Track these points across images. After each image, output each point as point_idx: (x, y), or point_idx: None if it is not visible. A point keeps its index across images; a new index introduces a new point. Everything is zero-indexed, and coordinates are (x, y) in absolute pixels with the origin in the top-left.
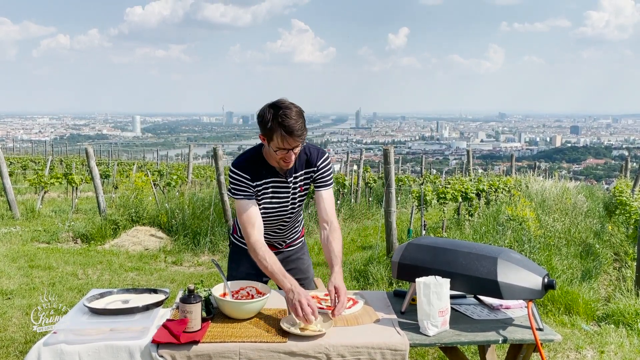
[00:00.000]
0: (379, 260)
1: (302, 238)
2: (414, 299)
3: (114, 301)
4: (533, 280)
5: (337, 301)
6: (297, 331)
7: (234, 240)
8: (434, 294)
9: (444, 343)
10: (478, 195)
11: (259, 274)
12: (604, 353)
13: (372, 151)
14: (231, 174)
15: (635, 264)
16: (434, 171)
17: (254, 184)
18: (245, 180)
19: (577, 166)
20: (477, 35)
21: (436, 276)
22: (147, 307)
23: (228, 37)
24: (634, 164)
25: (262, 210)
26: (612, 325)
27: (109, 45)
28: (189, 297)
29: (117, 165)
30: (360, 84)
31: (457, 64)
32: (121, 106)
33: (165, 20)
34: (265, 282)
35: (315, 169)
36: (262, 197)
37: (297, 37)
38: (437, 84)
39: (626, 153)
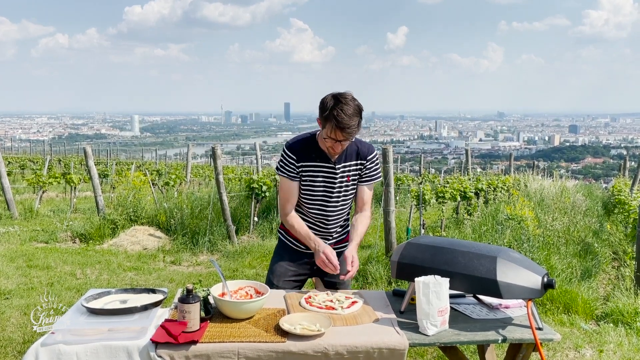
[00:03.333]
0: (378, 259)
1: (346, 244)
2: (413, 299)
3: (112, 301)
4: (532, 279)
5: (348, 268)
6: (296, 331)
7: (280, 236)
8: (433, 294)
9: (443, 342)
10: (477, 194)
11: (296, 272)
12: (603, 352)
13: None
14: (282, 152)
15: (634, 262)
16: (433, 170)
17: (299, 164)
18: (290, 160)
19: (575, 165)
20: (476, 34)
21: (435, 275)
22: (146, 307)
23: (227, 36)
24: (633, 163)
25: (306, 192)
26: (611, 324)
27: (108, 44)
28: (187, 297)
29: (116, 164)
30: (359, 83)
31: (455, 63)
32: (120, 105)
33: (164, 19)
34: (302, 283)
35: (365, 161)
36: (307, 178)
37: (296, 36)
38: (435, 83)
39: (625, 152)
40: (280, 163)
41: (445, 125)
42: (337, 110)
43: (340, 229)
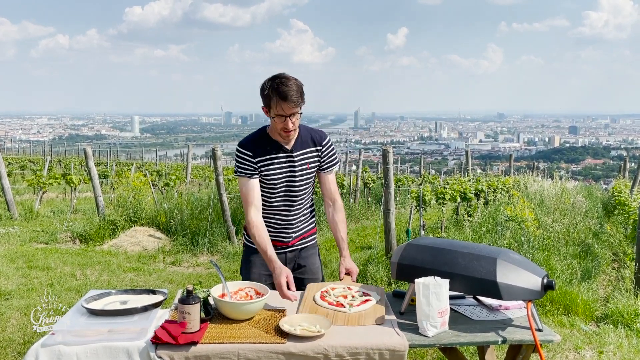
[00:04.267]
0: (378, 260)
1: (314, 236)
2: (413, 300)
3: (112, 302)
4: (532, 280)
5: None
6: (296, 332)
7: (245, 242)
8: (433, 295)
9: (443, 344)
10: (477, 195)
11: (271, 276)
12: (602, 353)
13: (370, 151)
14: (236, 152)
15: (634, 264)
16: (433, 171)
17: (256, 159)
18: (247, 157)
19: (575, 166)
20: (476, 35)
21: (435, 277)
22: (146, 308)
23: (227, 37)
24: (633, 164)
25: (268, 186)
26: (611, 326)
27: (108, 45)
28: (187, 297)
29: (116, 165)
30: (359, 84)
31: (455, 64)
32: (120, 106)
33: (164, 20)
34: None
35: (321, 147)
36: (266, 170)
37: (296, 37)
38: (435, 84)
39: (624, 153)
40: (237, 163)
41: (445, 126)
42: (275, 84)
43: (304, 221)
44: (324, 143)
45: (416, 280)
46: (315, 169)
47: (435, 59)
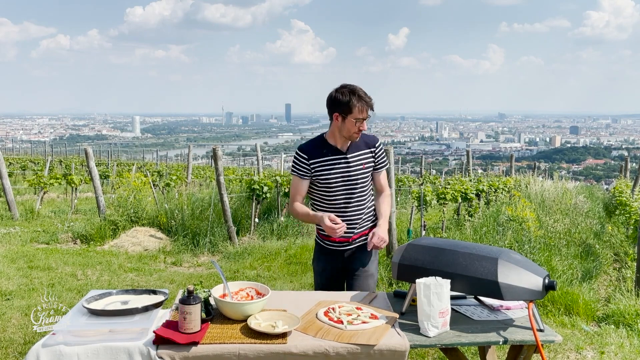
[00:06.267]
0: (379, 260)
1: None
2: (414, 300)
3: (113, 302)
4: (534, 281)
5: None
6: (259, 328)
7: (316, 239)
8: (435, 295)
9: (444, 344)
10: (478, 195)
11: (333, 271)
12: (604, 354)
13: None
14: (294, 154)
15: (635, 264)
16: (434, 171)
17: (310, 162)
18: (302, 160)
19: (576, 166)
20: (477, 35)
21: (436, 277)
22: (147, 308)
23: (228, 37)
24: (634, 164)
25: (324, 185)
26: (612, 326)
27: (109, 45)
28: (188, 298)
29: (117, 165)
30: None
31: (456, 64)
32: (121, 107)
33: (165, 20)
34: (340, 277)
35: (375, 149)
36: (321, 171)
37: (296, 38)
38: (436, 84)
39: (626, 153)
40: (293, 164)
41: (446, 126)
42: (358, 93)
43: (365, 218)
44: (376, 145)
45: (417, 280)
46: (371, 168)
47: (435, 59)
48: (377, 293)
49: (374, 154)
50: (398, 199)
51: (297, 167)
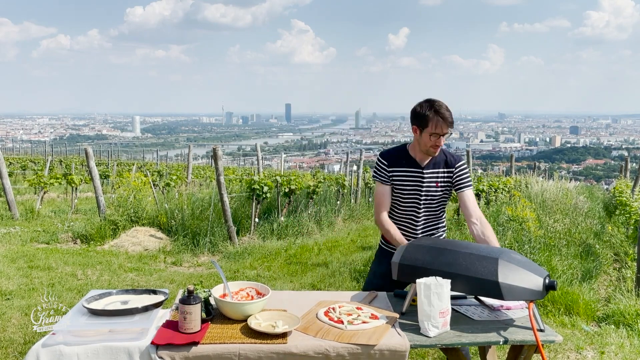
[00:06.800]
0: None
1: None
2: (414, 300)
3: (113, 302)
4: (534, 281)
5: None
6: (259, 328)
7: (380, 244)
8: (435, 295)
9: (445, 344)
10: (478, 195)
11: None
12: (604, 354)
13: (372, 151)
14: (376, 160)
15: (635, 264)
16: None
17: (390, 169)
18: (383, 166)
19: (576, 166)
20: (477, 35)
21: (437, 277)
22: (147, 308)
23: (228, 37)
24: (634, 164)
25: (397, 192)
26: (613, 326)
27: (109, 45)
28: (188, 298)
29: (117, 165)
30: (360, 84)
31: (456, 64)
32: (121, 106)
33: (165, 20)
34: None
35: (454, 169)
36: (396, 179)
37: (297, 38)
38: (436, 84)
39: (626, 153)
40: (375, 169)
41: None
42: (435, 108)
43: (428, 231)
44: (457, 166)
45: (418, 280)
46: (446, 188)
47: (435, 59)
48: (377, 293)
49: (452, 174)
50: None
51: (379, 172)
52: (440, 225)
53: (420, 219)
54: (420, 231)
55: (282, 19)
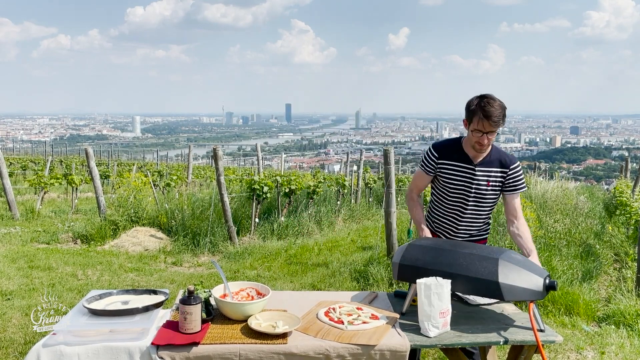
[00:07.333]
0: (379, 260)
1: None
2: (414, 300)
3: (114, 302)
4: (534, 281)
5: None
6: (256, 327)
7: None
8: (435, 295)
9: (445, 344)
10: None
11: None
12: (604, 354)
13: (372, 152)
14: (427, 149)
15: (635, 264)
16: None
17: (439, 161)
18: (432, 156)
19: (577, 167)
20: (477, 35)
21: (437, 277)
22: (147, 308)
23: (228, 37)
24: (634, 164)
25: (442, 187)
26: (613, 326)
27: (109, 45)
28: (188, 298)
29: (117, 165)
30: (360, 84)
31: (456, 65)
32: (121, 107)
33: (166, 20)
34: None
35: (508, 170)
36: (444, 173)
37: (297, 38)
38: (437, 84)
39: (626, 153)
40: (423, 158)
41: (447, 126)
42: (483, 102)
43: (473, 232)
44: (511, 167)
45: (418, 280)
46: (497, 189)
47: (436, 59)
48: (377, 293)
49: (505, 174)
50: (398, 199)
51: (426, 162)
52: (483, 228)
53: (465, 217)
54: (462, 230)
55: (282, 19)
